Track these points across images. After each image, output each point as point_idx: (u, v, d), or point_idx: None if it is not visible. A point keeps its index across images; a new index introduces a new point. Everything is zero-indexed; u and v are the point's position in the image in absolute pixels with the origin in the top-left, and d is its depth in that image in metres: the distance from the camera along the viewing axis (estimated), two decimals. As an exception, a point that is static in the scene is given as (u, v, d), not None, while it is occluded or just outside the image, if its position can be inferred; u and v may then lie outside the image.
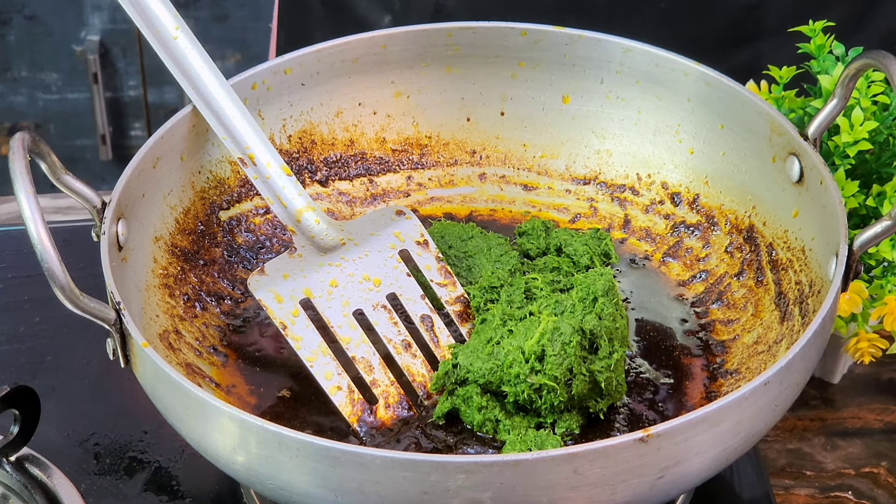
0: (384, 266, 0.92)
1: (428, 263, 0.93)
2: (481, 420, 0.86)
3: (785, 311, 0.92)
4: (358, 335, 0.89)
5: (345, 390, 0.87)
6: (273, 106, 1.01)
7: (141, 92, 2.19)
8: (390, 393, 0.88)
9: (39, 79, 2.18)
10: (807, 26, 1.00)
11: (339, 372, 0.87)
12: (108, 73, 2.17)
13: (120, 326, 0.81)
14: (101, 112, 2.18)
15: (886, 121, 0.97)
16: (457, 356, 0.87)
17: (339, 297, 0.90)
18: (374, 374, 0.88)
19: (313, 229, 0.92)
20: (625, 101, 1.03)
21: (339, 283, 0.91)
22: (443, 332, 0.91)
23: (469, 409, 0.86)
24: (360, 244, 0.93)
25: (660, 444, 0.74)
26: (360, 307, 0.90)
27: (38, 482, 0.90)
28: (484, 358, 0.86)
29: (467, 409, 0.86)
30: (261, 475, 0.77)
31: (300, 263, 0.91)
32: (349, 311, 0.90)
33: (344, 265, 0.92)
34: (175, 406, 0.80)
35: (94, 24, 2.13)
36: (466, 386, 0.87)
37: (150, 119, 2.21)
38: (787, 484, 0.96)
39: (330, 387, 0.87)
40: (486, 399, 0.86)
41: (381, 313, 0.90)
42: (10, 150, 0.80)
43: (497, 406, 0.86)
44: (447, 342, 0.91)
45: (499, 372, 0.85)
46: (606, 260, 0.99)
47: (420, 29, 1.03)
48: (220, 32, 2.15)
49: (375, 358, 0.89)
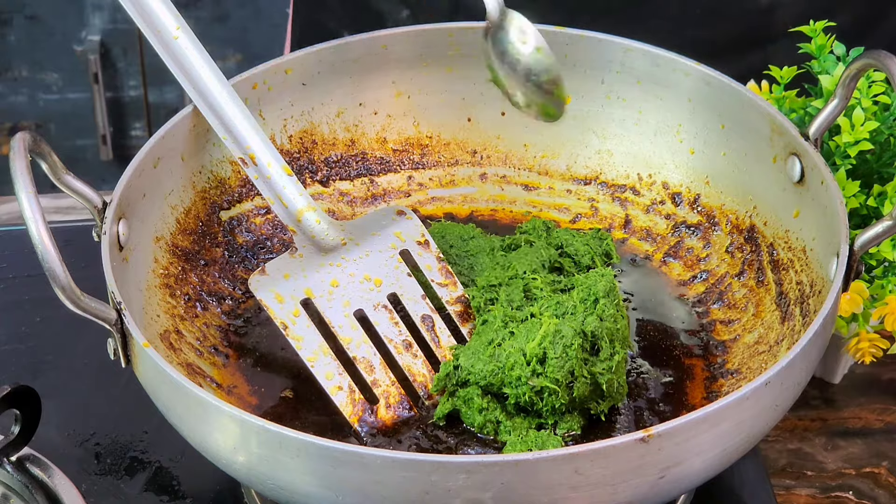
0: (385, 266, 0.92)
1: (429, 263, 0.93)
2: (482, 421, 0.86)
3: (786, 311, 0.92)
4: (359, 335, 0.89)
5: (346, 390, 0.87)
6: (274, 106, 1.01)
7: (141, 92, 2.19)
8: (391, 393, 0.88)
9: (40, 79, 2.18)
10: (808, 26, 1.00)
11: (340, 372, 0.87)
12: (108, 73, 2.17)
13: (121, 326, 0.81)
14: (102, 112, 2.18)
15: (887, 121, 0.97)
16: (458, 357, 0.87)
17: (339, 298, 0.90)
18: (375, 374, 0.88)
19: (314, 229, 0.92)
20: (626, 102, 1.03)
21: (340, 284, 0.91)
22: (444, 333, 0.91)
23: (470, 410, 0.86)
24: (360, 244, 0.93)
25: (661, 444, 0.74)
26: (361, 307, 0.90)
27: (39, 482, 0.90)
28: (485, 360, 0.86)
29: (468, 410, 0.86)
30: (262, 475, 0.77)
31: (301, 263, 0.91)
32: (350, 312, 0.90)
33: (345, 265, 0.92)
34: (176, 406, 0.80)
35: (94, 24, 2.14)
36: (468, 387, 0.87)
37: (150, 119, 2.21)
38: (788, 484, 0.96)
39: (331, 387, 0.87)
40: (486, 400, 0.86)
41: (381, 313, 0.90)
42: (11, 150, 0.80)
43: (498, 407, 0.86)
44: (448, 342, 0.91)
45: (500, 374, 0.85)
46: (608, 260, 0.99)
47: (421, 29, 1.03)
48: (221, 32, 2.15)
49: (376, 358, 0.89)
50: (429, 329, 0.91)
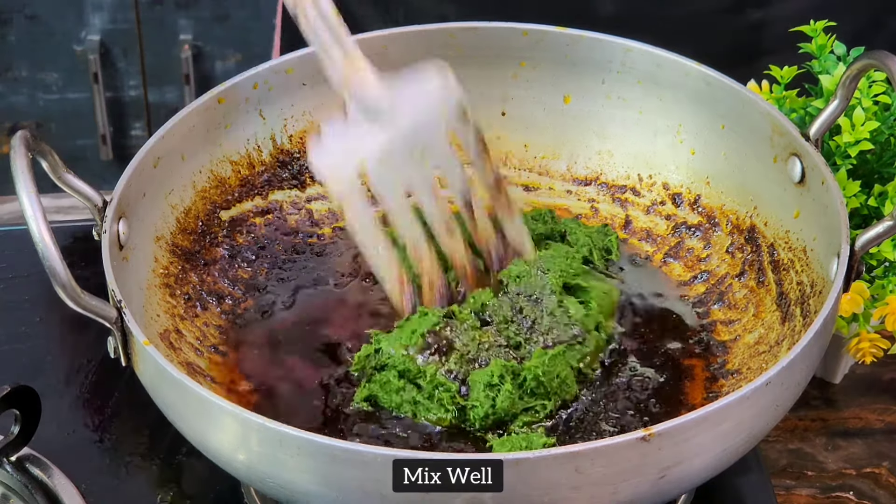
0: (431, 140, 0.91)
1: (468, 138, 0.93)
2: (399, 401, 0.86)
3: (786, 311, 0.92)
4: (407, 217, 0.90)
5: (395, 279, 0.90)
6: (274, 106, 1.01)
7: (141, 92, 2.19)
8: (435, 280, 0.90)
9: (40, 78, 2.18)
10: (808, 26, 1.00)
11: (392, 260, 0.90)
12: (108, 73, 2.17)
13: (121, 325, 0.81)
14: (102, 112, 2.18)
15: (888, 121, 0.97)
16: (380, 342, 0.88)
17: (390, 173, 0.90)
18: (422, 260, 0.90)
19: (364, 94, 0.90)
20: (626, 102, 1.03)
21: (391, 157, 0.90)
22: (482, 218, 0.93)
23: (387, 394, 0.87)
24: (407, 112, 0.91)
25: (661, 443, 0.74)
26: (410, 184, 0.91)
27: (39, 482, 0.90)
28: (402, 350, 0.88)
29: (385, 395, 0.87)
30: (261, 473, 0.77)
31: (353, 128, 0.90)
32: (400, 189, 0.90)
33: (394, 135, 0.90)
34: (176, 404, 0.80)
35: (94, 23, 2.13)
36: (384, 371, 0.87)
37: (150, 119, 2.21)
38: (789, 484, 0.96)
39: (383, 274, 0.90)
40: (404, 382, 0.87)
41: (428, 194, 0.91)
42: (12, 149, 0.80)
43: (414, 388, 0.87)
44: (485, 228, 0.93)
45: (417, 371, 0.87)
46: (607, 255, 0.99)
47: (421, 29, 1.03)
48: (221, 32, 2.15)
49: (423, 243, 0.90)
50: (468, 211, 0.92)
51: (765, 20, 1.19)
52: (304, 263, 1.00)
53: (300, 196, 1.03)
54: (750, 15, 1.19)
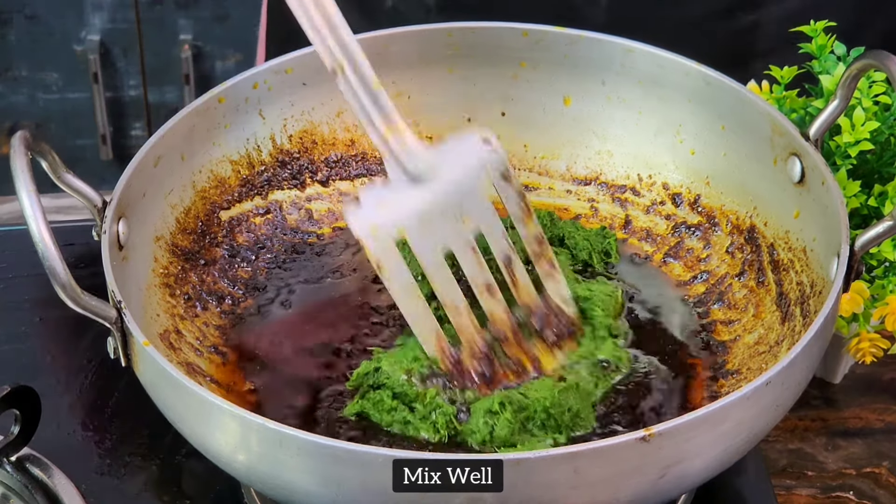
0: (472, 201, 0.89)
1: (510, 197, 0.91)
2: (390, 420, 0.86)
3: (786, 311, 0.92)
4: (447, 277, 0.88)
5: (434, 337, 0.87)
6: (274, 105, 1.01)
7: (141, 92, 2.19)
8: (475, 342, 0.88)
9: (40, 78, 2.18)
10: (808, 26, 1.00)
11: (430, 318, 0.88)
12: (108, 73, 2.17)
13: (121, 325, 0.81)
14: (102, 112, 2.18)
15: (888, 121, 0.97)
16: (381, 360, 0.88)
17: (430, 234, 0.88)
18: (461, 319, 0.88)
19: (405, 157, 0.89)
20: (626, 102, 1.03)
21: (431, 218, 0.88)
22: (520, 272, 0.90)
23: (379, 413, 0.86)
24: (449, 175, 0.90)
25: (661, 443, 0.74)
26: (449, 245, 0.89)
27: (39, 482, 0.90)
28: (402, 373, 0.87)
29: (377, 413, 0.86)
30: (261, 474, 0.77)
31: (393, 192, 0.89)
32: (440, 250, 0.88)
33: (435, 198, 0.89)
34: (176, 405, 0.80)
35: (94, 23, 2.14)
36: (379, 391, 0.87)
37: (150, 119, 2.21)
38: (789, 484, 0.96)
39: (420, 331, 0.87)
40: (396, 403, 0.86)
41: (468, 254, 0.89)
42: (11, 149, 0.80)
43: (406, 409, 0.86)
44: (524, 283, 0.90)
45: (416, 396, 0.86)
46: (606, 258, 0.99)
47: (421, 29, 1.03)
48: (221, 32, 2.15)
49: (462, 303, 0.88)
50: (509, 271, 0.90)
51: (758, 22, 1.19)
52: (304, 263, 1.00)
53: (300, 196, 1.03)
54: (741, 18, 1.19)
